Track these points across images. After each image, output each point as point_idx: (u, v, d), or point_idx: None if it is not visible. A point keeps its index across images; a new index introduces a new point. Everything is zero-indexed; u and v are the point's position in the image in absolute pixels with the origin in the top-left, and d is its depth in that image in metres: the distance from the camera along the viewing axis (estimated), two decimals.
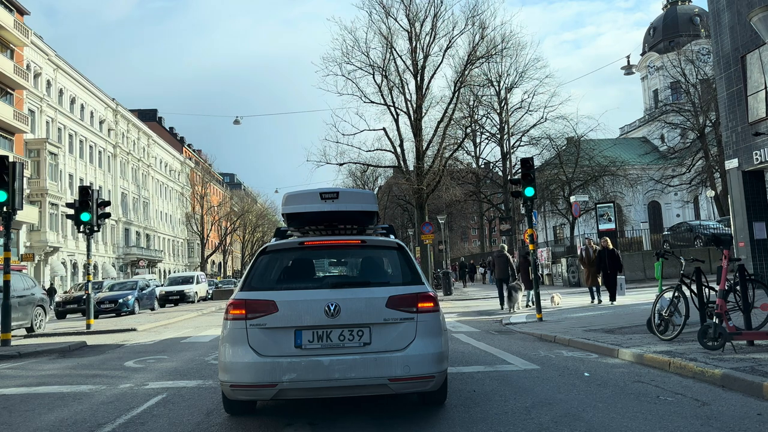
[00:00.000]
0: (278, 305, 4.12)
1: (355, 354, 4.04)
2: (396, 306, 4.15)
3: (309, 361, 4.00)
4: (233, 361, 4.08)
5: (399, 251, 4.65)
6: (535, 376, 5.87)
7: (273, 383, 3.97)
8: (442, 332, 4.29)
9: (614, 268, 13.63)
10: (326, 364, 3.99)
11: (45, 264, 41.04)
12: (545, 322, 11.18)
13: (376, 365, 4.00)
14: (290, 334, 4.07)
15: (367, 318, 4.11)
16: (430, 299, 4.25)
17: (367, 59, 27.44)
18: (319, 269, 5.34)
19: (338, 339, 4.08)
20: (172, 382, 6.43)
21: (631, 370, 6.04)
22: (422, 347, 4.08)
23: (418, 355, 4.05)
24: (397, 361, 4.02)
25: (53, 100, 43.54)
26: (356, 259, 5.18)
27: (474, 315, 14.32)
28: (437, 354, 4.13)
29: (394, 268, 4.60)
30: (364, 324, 4.10)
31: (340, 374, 3.98)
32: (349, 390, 4.10)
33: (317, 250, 4.86)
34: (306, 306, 4.12)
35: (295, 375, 3.97)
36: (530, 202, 11.43)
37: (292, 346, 4.05)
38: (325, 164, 28.63)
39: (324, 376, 3.98)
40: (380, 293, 4.22)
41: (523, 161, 11.63)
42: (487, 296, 21.88)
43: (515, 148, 39.62)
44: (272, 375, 3.97)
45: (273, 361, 4.00)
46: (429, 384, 4.12)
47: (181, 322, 16.15)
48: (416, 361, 4.04)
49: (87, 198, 13.46)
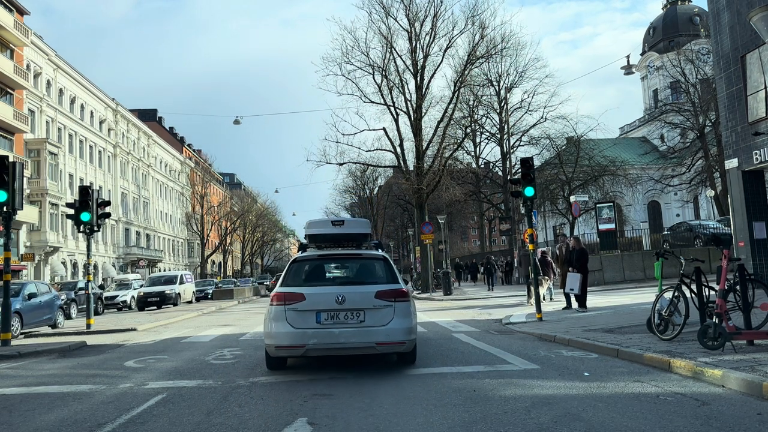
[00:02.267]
0: (305, 296, 6.26)
1: (354, 327, 6.17)
2: (381, 297, 6.26)
3: (325, 332, 6.15)
4: (277, 331, 6.23)
5: (384, 261, 6.91)
6: (535, 376, 5.87)
7: (302, 345, 6.13)
8: (412, 315, 6.44)
9: (581, 269, 12.53)
10: (336, 333, 6.14)
11: (45, 264, 41.05)
12: (545, 322, 11.19)
13: (368, 334, 6.15)
14: (313, 315, 6.20)
15: (362, 305, 6.21)
16: (403, 293, 6.38)
17: (367, 59, 27.49)
18: (330, 272, 7.30)
19: (344, 318, 6.20)
20: (172, 381, 6.43)
21: (630, 370, 6.04)
22: (398, 324, 6.22)
23: (395, 329, 6.19)
24: (381, 332, 6.16)
25: (53, 100, 43.53)
26: (355, 266, 7.25)
27: (475, 315, 14.32)
28: (408, 328, 6.29)
29: (380, 272, 6.75)
30: (360, 308, 6.20)
31: (344, 340, 6.13)
32: (350, 350, 6.24)
33: (329, 260, 7.18)
34: (323, 296, 6.28)
35: (316, 340, 6.13)
36: (530, 202, 11.44)
37: (314, 322, 6.18)
38: (325, 164, 28.67)
39: (335, 341, 6.14)
40: (371, 289, 6.36)
41: (522, 161, 11.64)
42: (486, 296, 21.91)
43: (515, 148, 39.65)
44: (302, 340, 6.11)
45: (302, 331, 6.14)
46: (402, 347, 6.33)
47: (182, 322, 16.17)
48: (394, 333, 6.18)
49: (87, 198, 13.47)
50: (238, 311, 20.86)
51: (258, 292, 37.79)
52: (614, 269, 24.02)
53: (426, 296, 24.70)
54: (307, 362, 7.17)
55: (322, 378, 6.24)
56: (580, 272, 12.58)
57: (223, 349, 9.16)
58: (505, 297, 20.76)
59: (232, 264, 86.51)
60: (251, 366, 7.36)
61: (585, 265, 12.81)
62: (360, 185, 68.20)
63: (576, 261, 12.69)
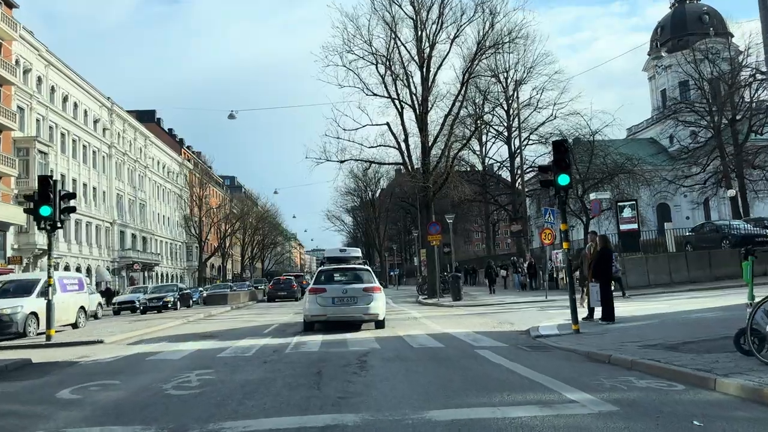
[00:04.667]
0: (326, 289, 11.96)
1: (352, 306, 11.82)
2: (367, 291, 11.97)
3: (337, 308, 11.80)
4: (311, 307, 12.00)
5: (368, 270, 13.18)
6: (623, 428, 4.01)
7: (324, 314, 11.86)
8: (383, 300, 12.36)
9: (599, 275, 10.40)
10: (342, 309, 11.81)
11: (34, 267, 39.23)
12: (584, 335, 9.34)
13: (359, 310, 11.83)
14: (330, 299, 11.82)
15: (356, 294, 11.89)
16: (378, 289, 12.23)
17: (370, 47, 25.67)
18: (339, 277, 12.64)
19: (346, 301, 11.83)
20: (98, 429, 4.59)
21: (757, 416, 4.18)
22: (375, 305, 11.90)
23: (373, 307, 11.88)
24: (366, 309, 11.83)
25: (44, 98, 41.83)
26: (352, 273, 12.82)
27: (495, 325, 12.46)
28: (381, 307, 12.10)
29: (365, 277, 12.62)
30: (355, 296, 11.85)
31: (347, 313, 11.85)
32: (349, 318, 11.89)
33: (338, 270, 12.99)
34: (335, 290, 11.95)
35: (332, 312, 11.82)
36: (564, 193, 9.59)
37: (331, 303, 11.81)
38: (325, 161, 26.81)
39: (342, 312, 11.84)
40: (361, 286, 12.11)
41: (555, 144, 9.77)
42: (501, 302, 20.00)
43: (523, 147, 37.84)
44: (324, 312, 11.85)
45: (324, 308, 11.83)
46: (376, 319, 12.04)
47: (161, 332, 14.32)
48: (372, 310, 11.87)
49: (47, 189, 11.68)
50: (229, 318, 18.99)
51: (255, 297, 35.37)
52: (638, 273, 22.10)
53: (433, 302, 22.78)
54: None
55: None
56: (598, 278, 10.41)
57: (191, 371, 7.32)
58: (521, 303, 18.90)
59: (232, 268, 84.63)
60: (218, 400, 5.52)
61: (606, 269, 10.57)
62: (362, 187, 66.45)
63: (595, 265, 10.49)
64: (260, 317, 18.45)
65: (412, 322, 14.25)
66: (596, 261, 10.48)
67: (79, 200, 46.96)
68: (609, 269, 10.76)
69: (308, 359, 8.16)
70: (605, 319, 10.59)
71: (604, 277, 10.59)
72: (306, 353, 8.84)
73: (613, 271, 11.79)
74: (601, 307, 10.60)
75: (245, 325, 15.44)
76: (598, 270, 10.54)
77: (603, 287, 10.50)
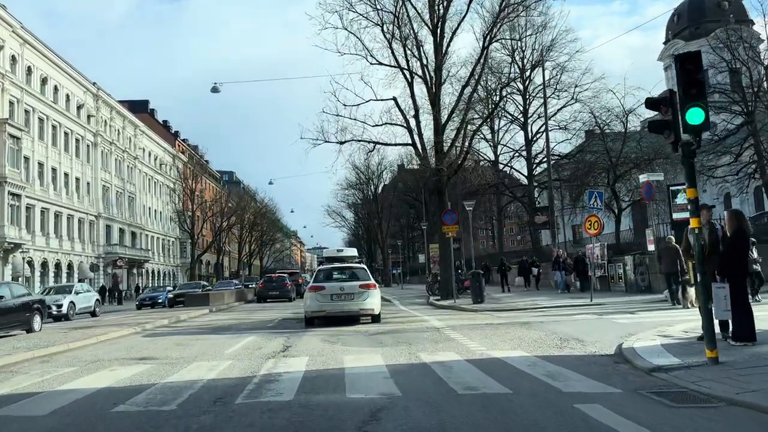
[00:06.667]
0: (324, 287, 13.06)
1: (349, 302, 12.88)
2: (363, 288, 13.02)
3: (335, 303, 12.86)
4: (311, 304, 13.07)
5: (363, 269, 14.33)
6: None
7: (323, 310, 12.93)
8: (378, 296, 13.53)
9: (730, 270, 6.87)
10: (340, 304, 12.87)
11: (5, 263, 35.66)
12: (728, 366, 5.67)
13: (356, 305, 12.90)
14: (328, 296, 12.88)
15: (352, 291, 12.94)
16: (374, 285, 13.35)
17: (374, 3, 21.91)
18: (336, 275, 13.82)
19: (344, 297, 12.87)
20: None
21: None
22: (370, 301, 12.99)
23: (369, 302, 12.95)
24: (362, 304, 12.91)
25: (19, 78, 38.21)
26: (348, 271, 14.03)
27: (556, 342, 8.74)
28: (376, 303, 13.19)
29: (361, 274, 13.71)
30: (351, 293, 12.91)
31: (344, 308, 12.90)
32: (346, 313, 12.91)
33: (336, 269, 14.19)
34: (333, 287, 13.05)
35: (331, 307, 12.87)
36: (697, 138, 5.89)
37: (329, 300, 12.86)
38: (323, 143, 23.04)
39: (339, 308, 12.87)
40: (357, 283, 13.16)
41: (683, 58, 5.97)
42: (534, 305, 16.24)
43: (540, 134, 34.10)
44: (323, 307, 12.92)
45: (323, 304, 12.91)
46: (372, 313, 13.10)
47: (88, 348, 10.57)
48: (368, 305, 12.95)
49: None
50: (197, 327, 15.12)
51: (243, 297, 31.18)
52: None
53: (449, 304, 19.01)
54: None
55: None
56: (729, 277, 6.76)
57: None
58: (563, 308, 15.22)
59: (230, 266, 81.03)
60: None
61: (741, 262, 6.96)
62: (363, 180, 62.70)
63: (725, 255, 6.97)
64: (235, 326, 14.66)
65: (434, 335, 10.44)
66: (730, 249, 6.77)
67: (59, 191, 43.54)
68: (744, 262, 7.05)
69: (270, 427, 4.51)
70: (740, 339, 6.89)
71: (736, 274, 6.89)
72: (269, 410, 5.01)
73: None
74: (732, 318, 6.88)
75: (207, 339, 11.64)
76: (730, 262, 6.84)
77: (735, 289, 6.79)
